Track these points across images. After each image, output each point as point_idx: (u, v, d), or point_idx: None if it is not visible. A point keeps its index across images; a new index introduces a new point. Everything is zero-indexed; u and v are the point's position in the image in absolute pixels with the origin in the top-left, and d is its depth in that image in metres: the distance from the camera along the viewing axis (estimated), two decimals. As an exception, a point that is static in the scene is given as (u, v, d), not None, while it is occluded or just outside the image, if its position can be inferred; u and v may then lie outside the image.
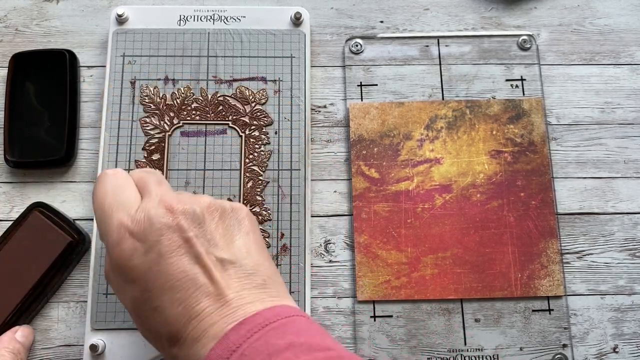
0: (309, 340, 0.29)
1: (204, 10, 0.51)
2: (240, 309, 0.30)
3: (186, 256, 0.31)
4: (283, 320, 0.30)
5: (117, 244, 0.32)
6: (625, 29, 0.53)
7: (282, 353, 0.28)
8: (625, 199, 0.49)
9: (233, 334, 0.29)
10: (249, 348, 0.28)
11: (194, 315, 0.30)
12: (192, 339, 0.30)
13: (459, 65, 0.51)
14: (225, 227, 0.33)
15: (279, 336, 0.29)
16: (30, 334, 0.44)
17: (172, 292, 0.31)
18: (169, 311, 0.31)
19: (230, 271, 0.32)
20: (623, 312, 0.46)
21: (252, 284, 0.32)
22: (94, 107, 0.50)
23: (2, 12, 0.52)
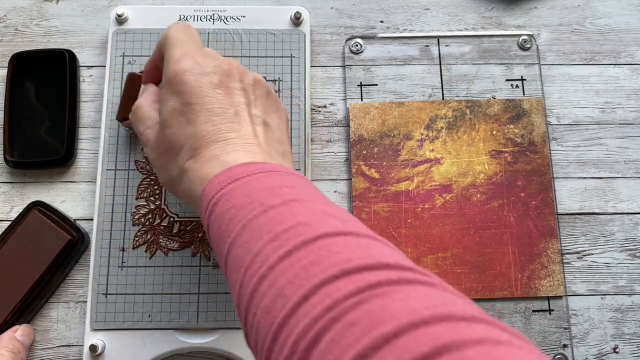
0: (310, 190, 0.31)
1: (203, 10, 0.51)
2: (258, 155, 0.33)
3: (238, 95, 0.35)
4: (289, 172, 0.32)
5: (181, 57, 0.35)
6: (626, 28, 0.53)
7: (283, 188, 0.30)
8: (625, 199, 0.49)
9: (240, 167, 0.32)
10: (253, 179, 0.31)
11: (222, 139, 0.33)
12: (210, 156, 0.33)
13: (459, 65, 0.51)
14: (267, 101, 0.37)
15: (284, 179, 0.31)
16: (30, 333, 0.44)
17: (211, 113, 0.34)
18: (202, 126, 0.34)
19: (263, 128, 0.36)
20: (623, 313, 0.46)
21: (274, 147, 0.36)
22: (94, 107, 0.50)
23: (2, 12, 0.52)
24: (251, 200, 0.30)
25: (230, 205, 0.30)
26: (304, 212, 0.29)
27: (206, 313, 0.44)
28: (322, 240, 0.27)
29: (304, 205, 0.29)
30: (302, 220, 0.28)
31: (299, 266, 0.26)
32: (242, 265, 0.28)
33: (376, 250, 0.26)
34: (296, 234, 0.27)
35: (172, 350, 0.44)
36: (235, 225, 0.30)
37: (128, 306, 0.44)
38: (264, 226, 0.28)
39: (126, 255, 0.45)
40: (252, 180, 0.31)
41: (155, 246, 0.45)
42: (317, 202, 0.30)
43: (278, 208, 0.29)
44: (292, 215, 0.28)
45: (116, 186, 0.46)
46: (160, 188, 0.47)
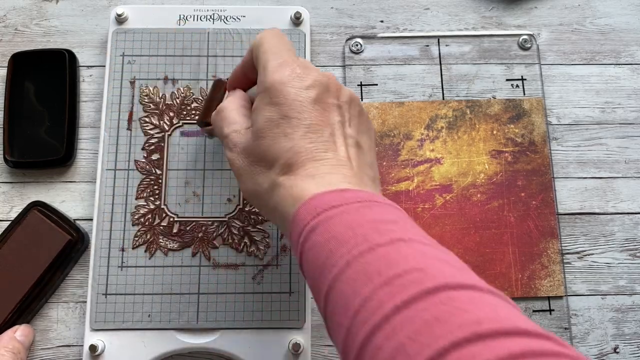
0: (415, 227, 0.30)
1: (203, 9, 0.51)
2: (351, 179, 0.32)
3: (335, 113, 0.34)
4: (388, 203, 0.31)
5: (280, 67, 0.34)
6: (626, 28, 0.53)
7: (387, 224, 0.28)
8: (625, 199, 0.49)
9: (337, 194, 0.30)
10: (351, 209, 0.29)
11: (318, 158, 0.32)
12: (305, 175, 0.32)
13: (459, 65, 0.51)
14: (361, 120, 0.36)
15: (384, 211, 0.30)
16: (30, 333, 0.44)
17: (309, 130, 0.33)
18: (299, 142, 0.33)
19: (356, 150, 0.34)
20: (624, 313, 0.46)
21: (365, 172, 0.34)
22: (94, 107, 0.50)
23: (2, 12, 0.52)
24: (354, 234, 0.28)
25: (330, 236, 0.28)
26: (416, 256, 0.26)
27: (206, 313, 0.44)
28: (444, 293, 0.24)
29: (413, 247, 0.27)
30: (416, 265, 0.26)
31: (421, 321, 0.23)
32: (350, 309, 0.26)
33: (505, 312, 0.24)
34: (412, 281, 0.25)
35: (172, 350, 0.44)
36: (337, 259, 0.27)
37: (128, 306, 0.44)
38: (372, 266, 0.26)
39: (126, 255, 0.45)
40: (351, 210, 0.29)
41: (155, 246, 0.45)
42: (425, 244, 0.28)
43: (385, 247, 0.27)
44: (403, 258, 0.26)
45: (116, 186, 0.46)
46: (160, 188, 0.47)
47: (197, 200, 0.46)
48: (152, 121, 0.48)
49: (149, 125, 0.48)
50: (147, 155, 0.47)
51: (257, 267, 0.45)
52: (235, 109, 0.37)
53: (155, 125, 0.48)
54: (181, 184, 0.47)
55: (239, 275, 0.45)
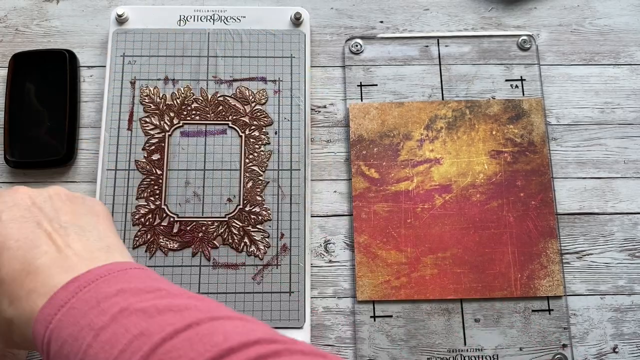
0: (139, 285, 0.29)
1: (204, 10, 0.51)
2: (77, 266, 0.30)
3: (29, 222, 0.32)
4: (115, 273, 0.30)
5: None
6: (625, 29, 0.53)
7: (110, 299, 0.28)
8: (625, 199, 0.49)
9: (62, 291, 0.29)
10: (78, 301, 0.28)
11: (32, 271, 0.30)
12: (27, 293, 0.30)
13: (459, 66, 0.51)
14: (74, 207, 0.35)
15: (110, 285, 0.29)
16: (30, 334, 0.44)
17: (12, 250, 0.31)
18: (6, 269, 0.31)
19: (72, 235, 0.32)
20: (623, 312, 0.46)
21: (94, 246, 0.32)
22: (94, 107, 0.50)
23: (2, 12, 0.52)
24: (81, 328, 0.27)
25: (63, 341, 0.28)
26: (136, 320, 0.27)
27: (206, 313, 0.44)
28: (161, 348, 0.25)
29: (134, 311, 0.27)
30: (137, 331, 0.26)
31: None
32: None
33: (222, 337, 0.25)
34: (133, 352, 0.25)
35: (172, 350, 0.44)
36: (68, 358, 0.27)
37: (128, 306, 0.44)
38: (100, 354, 0.26)
39: (126, 255, 0.45)
40: (76, 303, 0.28)
41: (155, 246, 0.45)
42: (147, 298, 0.28)
43: (108, 328, 0.27)
44: (125, 330, 0.26)
45: (116, 186, 0.46)
46: (160, 188, 0.47)
47: (197, 200, 0.47)
48: (152, 121, 0.48)
49: (149, 126, 0.48)
50: (147, 156, 0.47)
51: (257, 267, 0.45)
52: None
53: (156, 125, 0.48)
54: (181, 184, 0.47)
55: (239, 275, 0.45)
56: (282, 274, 0.45)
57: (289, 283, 0.45)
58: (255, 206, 0.47)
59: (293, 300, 0.45)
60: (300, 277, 0.45)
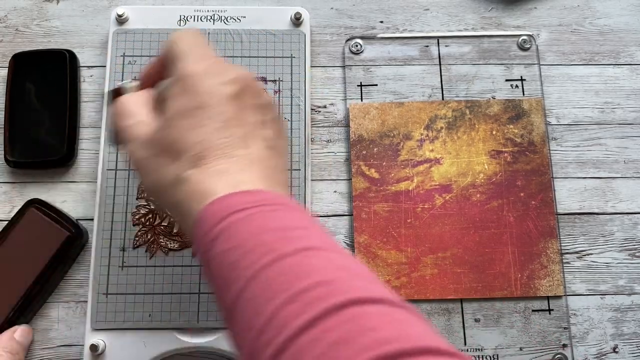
0: (325, 233, 0.29)
1: (204, 10, 0.51)
2: (269, 178, 0.31)
3: (252, 114, 0.33)
4: (298, 206, 0.30)
5: (199, 58, 0.33)
6: (625, 29, 0.53)
7: (294, 230, 0.28)
8: (625, 199, 0.49)
9: (248, 195, 0.29)
10: (261, 214, 0.28)
11: (229, 155, 0.31)
12: (216, 171, 0.30)
13: (459, 66, 0.51)
14: (276, 126, 0.35)
15: (293, 214, 0.29)
16: (29, 334, 0.44)
17: (223, 125, 0.31)
18: (212, 136, 0.31)
19: (270, 152, 0.33)
20: (623, 312, 0.46)
21: (278, 177, 0.33)
22: (94, 107, 0.50)
23: (3, 12, 0.52)
24: (258, 243, 0.27)
25: (234, 245, 0.27)
26: (324, 266, 0.25)
27: (206, 313, 0.44)
28: (351, 310, 0.23)
29: (321, 256, 0.26)
30: (323, 277, 0.25)
31: (326, 344, 0.22)
32: (252, 328, 0.25)
33: (415, 329, 0.23)
34: (318, 297, 0.24)
35: (172, 350, 0.44)
36: (240, 272, 0.26)
37: (128, 306, 0.44)
38: (276, 281, 0.25)
39: (126, 255, 0.45)
40: (258, 215, 0.28)
41: (156, 246, 0.45)
42: (334, 252, 0.27)
43: (291, 257, 0.26)
44: (310, 269, 0.25)
45: (117, 186, 0.46)
46: (160, 188, 0.47)
47: (197, 200, 0.47)
48: (152, 121, 0.48)
49: (149, 126, 0.48)
50: (147, 156, 0.47)
51: (257, 266, 0.45)
52: (135, 102, 0.35)
53: (156, 125, 0.48)
54: (181, 184, 0.47)
55: (239, 275, 0.45)
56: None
57: (289, 283, 0.45)
58: (255, 206, 0.47)
59: (293, 300, 0.45)
60: (301, 277, 0.45)
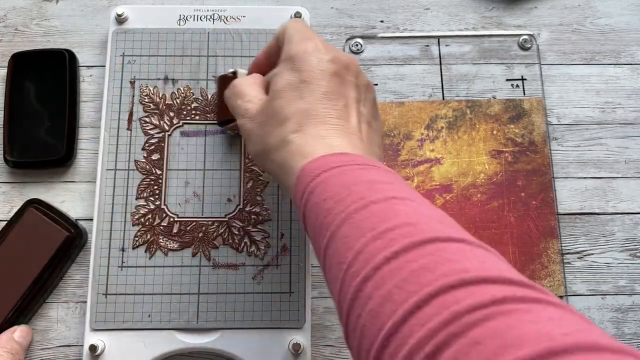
0: (411, 189, 0.31)
1: (203, 10, 0.51)
2: (366, 148, 0.34)
3: (351, 89, 0.36)
4: (387, 170, 0.32)
5: (305, 40, 0.36)
6: (626, 28, 0.53)
7: (383, 184, 0.30)
8: (625, 199, 0.49)
9: (343, 156, 0.31)
10: (351, 170, 0.30)
11: (330, 123, 0.34)
12: (316, 135, 0.33)
13: (460, 65, 0.51)
14: (374, 107, 0.38)
15: (381, 174, 0.31)
16: (28, 334, 0.44)
17: (325, 96, 0.34)
18: (314, 105, 0.34)
19: (367, 127, 0.36)
20: (624, 313, 0.46)
21: (374, 149, 0.36)
22: (94, 107, 0.50)
23: (2, 12, 0.52)
24: (350, 192, 0.29)
25: (328, 196, 0.30)
26: (408, 211, 0.27)
27: (206, 313, 0.44)
28: (432, 245, 0.25)
29: (407, 204, 0.28)
30: (407, 220, 0.26)
31: (408, 270, 0.24)
32: (343, 262, 0.27)
33: (492, 262, 0.25)
34: (402, 235, 0.26)
35: (172, 351, 0.44)
36: (333, 217, 0.29)
37: (128, 306, 0.44)
38: (365, 222, 0.27)
39: (126, 256, 0.45)
40: (349, 171, 0.30)
41: (155, 246, 0.45)
42: (418, 202, 0.29)
43: (379, 204, 0.28)
44: (395, 214, 0.27)
45: (116, 186, 0.46)
46: (160, 188, 0.47)
47: (197, 200, 0.46)
48: (152, 121, 0.48)
49: (149, 125, 0.48)
50: (147, 155, 0.47)
51: (257, 267, 0.45)
52: (249, 84, 0.38)
53: (156, 125, 0.48)
54: (181, 184, 0.47)
55: (239, 275, 0.45)
56: (282, 274, 0.45)
57: (289, 283, 0.45)
58: (255, 206, 0.46)
59: (293, 300, 0.45)
60: (301, 277, 0.45)
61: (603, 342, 0.20)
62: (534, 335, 0.20)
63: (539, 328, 0.20)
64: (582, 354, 0.19)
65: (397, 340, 0.23)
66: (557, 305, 0.22)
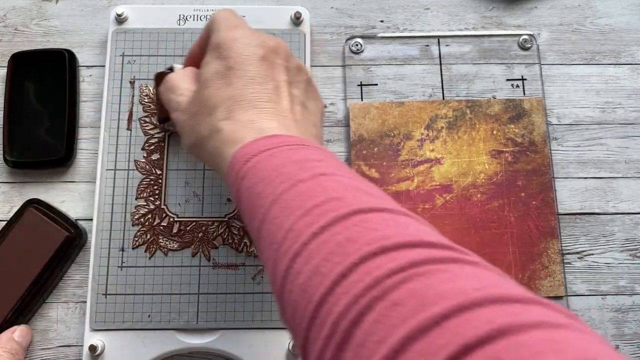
0: (342, 166, 0.31)
1: (203, 9, 0.51)
2: (291, 128, 0.34)
3: (281, 72, 0.36)
4: (321, 149, 0.32)
5: (232, 28, 0.36)
6: (626, 28, 0.53)
7: (312, 162, 0.30)
8: (626, 199, 0.49)
9: (269, 139, 0.32)
10: (280, 152, 0.31)
11: (259, 107, 0.34)
12: (245, 120, 0.33)
13: (460, 65, 0.51)
14: (307, 88, 0.38)
15: (311, 153, 0.31)
16: (28, 334, 0.44)
17: (253, 81, 0.34)
18: (241, 90, 0.34)
19: (300, 108, 0.36)
20: (624, 313, 0.46)
21: (309, 129, 0.35)
22: (94, 107, 0.50)
23: (2, 12, 0.52)
24: (279, 174, 0.29)
25: (258, 179, 0.30)
26: (335, 187, 0.28)
27: (206, 313, 0.44)
28: (357, 217, 0.26)
29: (334, 180, 0.29)
30: (334, 195, 0.27)
31: (334, 243, 0.25)
32: (274, 242, 0.28)
33: (414, 228, 0.26)
34: (329, 210, 0.26)
35: (172, 351, 0.44)
36: (264, 200, 0.29)
37: (128, 306, 0.44)
38: (293, 201, 0.28)
39: (126, 256, 0.45)
40: (278, 153, 0.30)
41: (155, 246, 0.45)
42: (346, 177, 0.29)
43: (307, 182, 0.28)
44: (323, 190, 0.28)
45: (116, 186, 0.46)
46: (160, 188, 0.46)
47: (197, 200, 0.46)
48: (152, 121, 0.48)
49: (149, 125, 0.48)
50: (147, 155, 0.47)
51: (257, 267, 0.45)
52: (181, 78, 0.38)
53: (156, 125, 0.48)
54: (181, 184, 0.47)
55: (239, 275, 0.45)
56: (282, 274, 0.45)
57: (289, 283, 0.45)
58: (255, 206, 0.46)
59: (293, 300, 0.44)
60: (301, 278, 0.45)
61: (513, 294, 0.21)
62: (449, 293, 0.21)
63: (455, 285, 0.21)
64: (492, 305, 0.20)
65: (325, 310, 0.23)
66: (474, 264, 0.23)
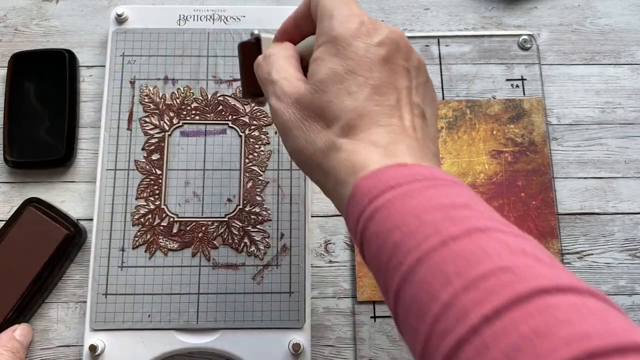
0: (489, 210, 0.27)
1: (203, 10, 0.51)
2: (421, 150, 0.29)
3: (403, 77, 0.31)
4: (453, 182, 0.28)
5: (349, 17, 0.31)
6: (626, 28, 0.53)
7: (458, 209, 0.25)
8: (625, 199, 0.49)
9: (400, 169, 0.27)
10: (414, 191, 0.26)
11: (383, 123, 0.29)
12: (369, 141, 0.29)
13: (460, 65, 0.51)
14: (426, 90, 0.33)
15: (452, 191, 0.27)
16: (29, 332, 0.44)
17: (375, 92, 0.30)
18: (364, 103, 0.29)
19: (420, 121, 0.31)
20: (624, 313, 0.46)
21: (429, 148, 0.31)
22: (94, 107, 0.50)
23: (2, 12, 0.52)
24: (421, 223, 0.25)
25: (393, 226, 0.26)
26: (498, 249, 0.23)
27: (206, 313, 0.44)
28: (540, 300, 0.21)
29: (493, 238, 0.24)
30: (500, 263, 0.22)
31: (518, 335, 0.20)
32: (426, 315, 0.23)
33: (614, 321, 0.21)
34: (499, 285, 0.21)
35: (172, 351, 0.44)
36: (405, 255, 0.25)
37: (128, 306, 0.44)
38: (448, 264, 0.23)
39: (126, 256, 0.45)
40: (414, 192, 0.26)
41: (155, 246, 0.45)
42: (505, 232, 0.24)
43: (461, 240, 0.24)
44: (484, 254, 0.23)
45: (116, 186, 0.46)
46: (160, 188, 0.47)
47: (197, 200, 0.46)
48: (152, 121, 0.48)
49: (149, 125, 0.48)
50: (147, 155, 0.47)
51: (257, 267, 0.45)
52: (285, 57, 0.33)
53: (155, 125, 0.48)
54: (181, 184, 0.47)
55: (239, 275, 0.45)
56: (282, 274, 0.45)
57: (289, 283, 0.45)
58: (255, 206, 0.46)
59: (293, 300, 0.45)
60: (301, 278, 0.45)
61: None
62: None
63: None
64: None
65: None
66: None
